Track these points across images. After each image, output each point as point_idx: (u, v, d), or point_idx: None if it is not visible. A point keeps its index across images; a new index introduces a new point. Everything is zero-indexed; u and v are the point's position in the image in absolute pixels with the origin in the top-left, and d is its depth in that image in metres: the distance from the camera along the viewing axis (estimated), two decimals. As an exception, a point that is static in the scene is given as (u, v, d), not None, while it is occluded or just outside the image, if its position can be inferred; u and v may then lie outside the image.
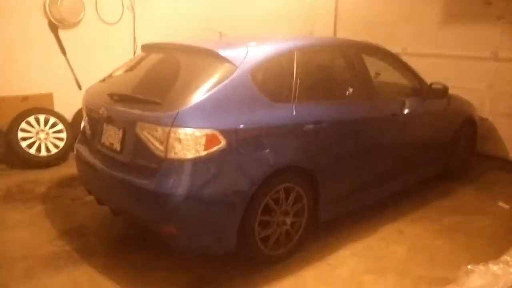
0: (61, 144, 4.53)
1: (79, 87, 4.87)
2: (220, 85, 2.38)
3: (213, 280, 2.55)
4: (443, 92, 3.67)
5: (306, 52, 2.83)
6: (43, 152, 4.42)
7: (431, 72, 3.98)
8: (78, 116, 4.81)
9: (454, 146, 4.07)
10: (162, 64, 2.90)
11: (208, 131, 2.27)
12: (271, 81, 2.65)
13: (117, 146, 2.57)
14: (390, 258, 2.82)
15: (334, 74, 3.13)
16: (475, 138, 4.43)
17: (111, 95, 2.67)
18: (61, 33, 4.68)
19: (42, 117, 4.51)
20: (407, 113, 3.39)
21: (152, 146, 2.32)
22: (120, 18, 5.02)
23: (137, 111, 2.42)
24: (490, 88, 4.88)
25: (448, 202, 3.72)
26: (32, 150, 4.36)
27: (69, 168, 4.25)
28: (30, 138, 4.40)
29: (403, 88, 3.69)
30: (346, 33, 6.14)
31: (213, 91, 2.35)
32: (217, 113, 2.34)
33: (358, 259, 2.79)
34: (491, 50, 4.77)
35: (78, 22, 4.72)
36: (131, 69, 3.00)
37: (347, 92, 3.02)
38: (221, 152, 2.30)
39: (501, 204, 3.67)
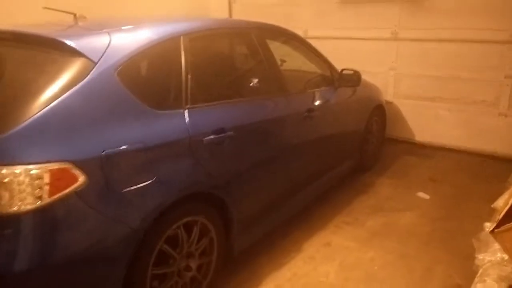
0: None
1: None
2: (69, 92, 1.57)
3: None
4: (355, 79, 3.29)
5: (197, 38, 2.12)
6: None
7: (333, 56, 3.60)
8: None
9: (367, 135, 3.79)
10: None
11: (54, 165, 1.47)
12: (151, 81, 1.91)
13: None
14: (321, 285, 2.34)
15: (235, 66, 2.49)
16: (385, 124, 4.23)
17: None
18: None
19: None
20: (322, 107, 2.92)
21: (-39, 197, 1.45)
22: None
23: None
24: (393, 70, 4.74)
25: (367, 199, 3.40)
26: None
27: None
28: None
29: (313, 76, 3.22)
30: (243, 16, 5.55)
31: (58, 100, 1.54)
32: (68, 135, 1.54)
33: (284, 296, 2.25)
34: (391, 30, 4.60)
35: None
36: None
37: (253, 87, 2.41)
38: (80, 193, 1.53)
39: (420, 194, 3.46)
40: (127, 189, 1.66)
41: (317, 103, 2.89)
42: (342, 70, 3.29)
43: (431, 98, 4.56)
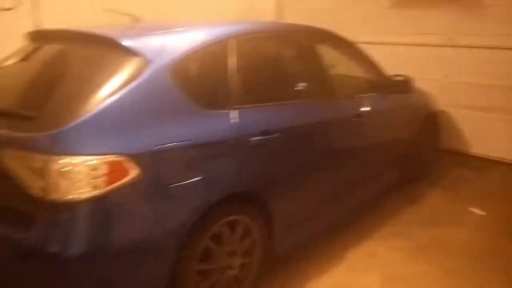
0: None
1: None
2: (126, 89, 1.66)
3: None
4: (407, 85, 3.19)
5: (246, 40, 2.17)
6: None
7: (384, 62, 3.50)
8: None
9: (418, 145, 3.64)
10: (49, 59, 2.10)
11: (110, 158, 1.55)
12: (201, 81, 1.97)
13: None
14: (362, 296, 2.28)
15: (283, 69, 2.50)
16: (437, 134, 4.05)
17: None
18: None
19: None
20: (370, 113, 2.85)
21: (25, 183, 1.56)
22: (18, 1, 4.04)
23: (2, 131, 1.64)
24: (447, 78, 4.54)
25: (417, 211, 3.27)
26: None
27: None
28: None
29: (362, 82, 3.16)
30: (292, 21, 5.56)
31: (114, 97, 1.63)
32: (123, 130, 1.62)
33: (324, 303, 2.21)
34: (447, 36, 4.40)
35: (-41, 8, 3.70)
36: (8, 67, 2.16)
37: (300, 90, 2.41)
38: (133, 185, 1.60)
39: (473, 209, 3.27)
40: (176, 185, 1.72)
41: (365, 108, 2.83)
42: (393, 76, 3.21)
43: (488, 108, 4.30)
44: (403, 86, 3.17)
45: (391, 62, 3.71)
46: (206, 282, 1.94)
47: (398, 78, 3.20)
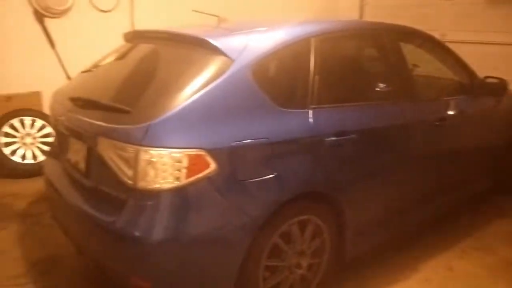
0: (48, 150, 4.02)
1: (70, 85, 4.32)
2: (210, 86, 1.74)
3: None
4: (500, 88, 2.92)
5: (326, 39, 2.14)
6: (29, 160, 3.90)
7: (474, 63, 3.24)
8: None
9: (509, 154, 3.32)
10: (142, 57, 2.28)
11: (192, 151, 1.64)
12: (280, 80, 1.99)
13: (82, 166, 1.99)
14: (438, 311, 2.16)
15: (363, 69, 2.43)
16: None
17: (73, 100, 2.08)
18: (49, 23, 4.13)
19: (28, 120, 3.98)
20: (456, 117, 2.67)
21: (118, 170, 1.72)
22: (117, 4, 4.44)
23: (99, 122, 1.82)
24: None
25: (505, 226, 3.00)
26: (17, 157, 3.85)
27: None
28: (14, 143, 3.88)
29: (450, 83, 2.97)
30: (375, 18, 5.38)
31: (199, 94, 1.72)
32: (205, 125, 1.71)
33: (396, 314, 2.13)
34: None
35: (67, 10, 4.16)
36: (107, 65, 2.39)
37: (380, 91, 2.33)
38: (211, 179, 1.68)
39: None
40: (250, 181, 1.77)
41: (451, 112, 2.65)
42: (485, 77, 2.96)
43: None
44: (496, 89, 2.91)
45: (483, 63, 3.41)
46: (274, 278, 1.98)
47: (492, 80, 2.94)
